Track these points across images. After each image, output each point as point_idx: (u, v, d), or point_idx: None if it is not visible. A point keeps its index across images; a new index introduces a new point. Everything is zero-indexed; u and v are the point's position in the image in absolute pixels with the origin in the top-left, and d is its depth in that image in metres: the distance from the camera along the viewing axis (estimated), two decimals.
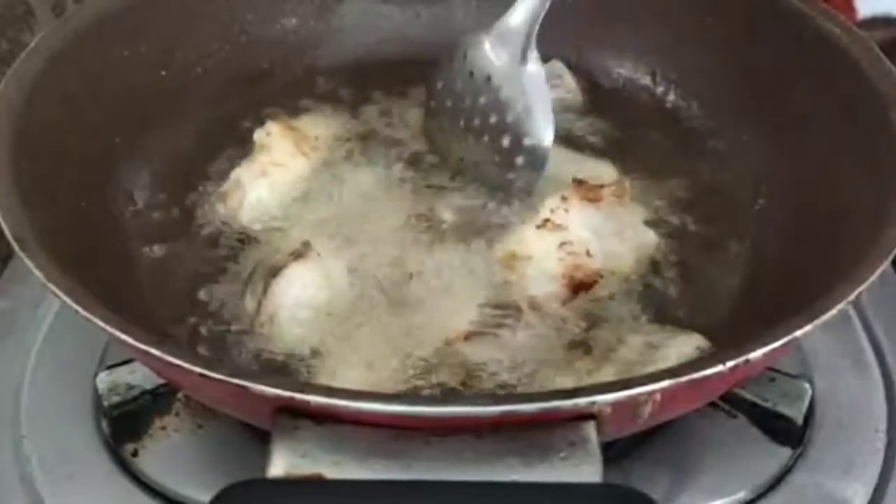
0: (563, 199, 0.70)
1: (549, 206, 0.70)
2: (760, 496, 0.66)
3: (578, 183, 0.72)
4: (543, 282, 0.68)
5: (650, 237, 0.73)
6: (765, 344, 0.53)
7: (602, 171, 0.78)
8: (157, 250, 0.74)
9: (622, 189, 0.73)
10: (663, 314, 0.69)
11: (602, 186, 0.72)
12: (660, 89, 0.89)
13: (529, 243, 0.70)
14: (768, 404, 0.69)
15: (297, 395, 0.50)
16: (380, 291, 0.69)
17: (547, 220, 0.70)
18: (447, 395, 0.63)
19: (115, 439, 0.69)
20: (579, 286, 0.68)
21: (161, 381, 0.69)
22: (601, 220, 0.71)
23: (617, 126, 0.84)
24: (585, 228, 0.70)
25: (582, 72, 0.90)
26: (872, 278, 0.57)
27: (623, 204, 0.72)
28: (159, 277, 0.72)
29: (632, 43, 0.90)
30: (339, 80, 0.89)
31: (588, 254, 0.69)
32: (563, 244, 0.69)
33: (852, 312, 0.77)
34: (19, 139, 0.66)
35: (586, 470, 0.50)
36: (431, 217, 0.75)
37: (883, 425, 0.70)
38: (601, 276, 0.69)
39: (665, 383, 0.51)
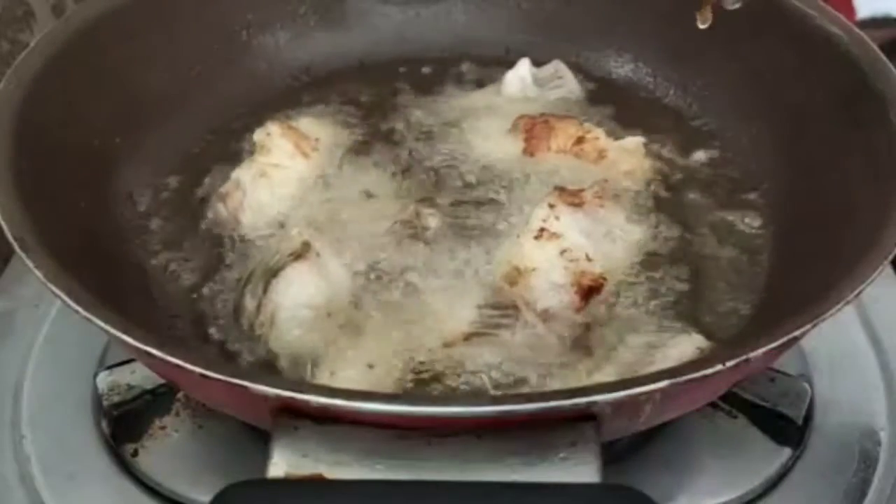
0: (551, 206, 0.70)
1: (540, 216, 0.70)
2: (760, 496, 0.66)
3: (560, 189, 0.72)
4: (553, 293, 0.68)
5: (637, 234, 0.73)
6: (765, 344, 0.53)
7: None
8: (157, 250, 0.74)
9: (602, 190, 0.73)
10: (663, 314, 0.69)
11: (582, 190, 0.72)
12: (660, 89, 0.89)
13: (531, 256, 0.69)
14: (768, 404, 0.70)
15: (297, 395, 0.50)
16: (379, 292, 0.69)
17: (542, 230, 0.69)
18: (447, 395, 0.63)
19: (115, 439, 0.69)
20: (588, 291, 0.68)
21: (161, 381, 0.69)
22: (590, 224, 0.70)
23: (617, 126, 0.84)
24: (579, 233, 0.69)
25: (583, 72, 0.90)
26: (872, 278, 0.57)
27: (605, 205, 0.72)
28: (159, 277, 0.72)
29: (632, 43, 0.90)
30: (339, 81, 0.89)
31: (588, 258, 0.69)
32: (563, 252, 0.68)
33: (852, 312, 0.77)
34: (19, 139, 0.66)
35: (586, 470, 0.50)
36: (431, 218, 0.75)
37: (883, 425, 0.71)
38: (605, 279, 0.69)
39: (665, 383, 0.51)
